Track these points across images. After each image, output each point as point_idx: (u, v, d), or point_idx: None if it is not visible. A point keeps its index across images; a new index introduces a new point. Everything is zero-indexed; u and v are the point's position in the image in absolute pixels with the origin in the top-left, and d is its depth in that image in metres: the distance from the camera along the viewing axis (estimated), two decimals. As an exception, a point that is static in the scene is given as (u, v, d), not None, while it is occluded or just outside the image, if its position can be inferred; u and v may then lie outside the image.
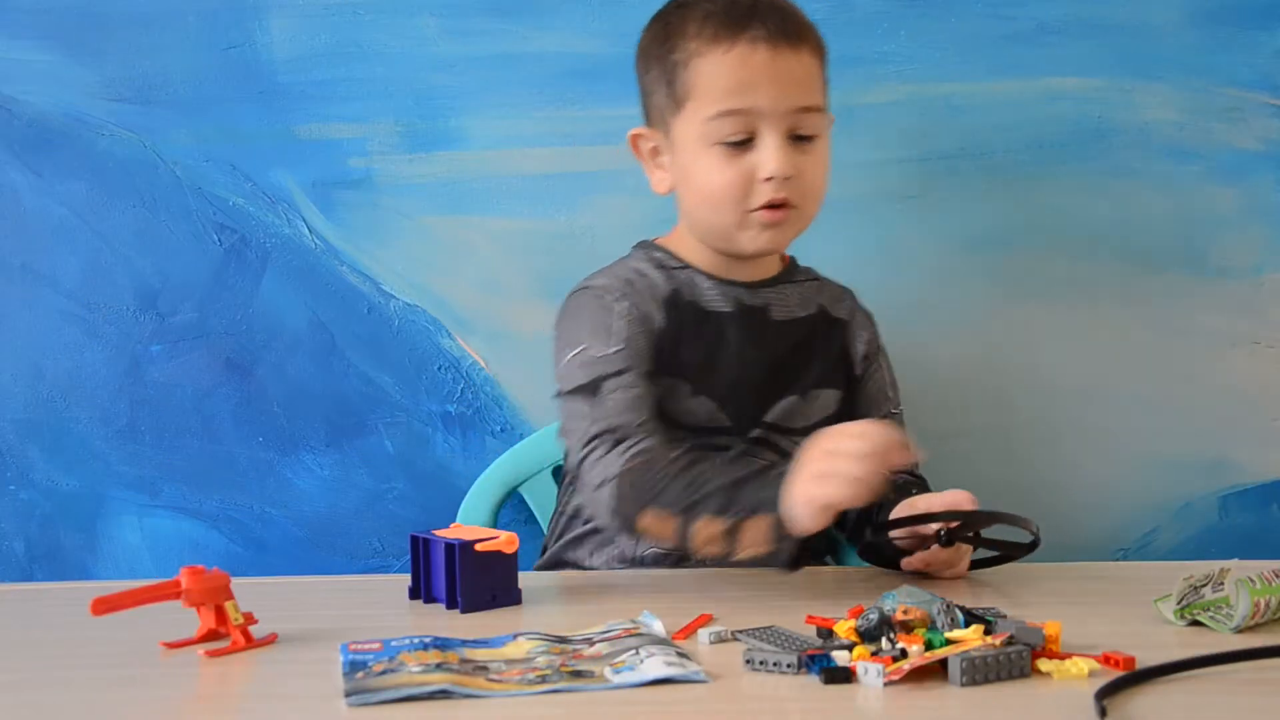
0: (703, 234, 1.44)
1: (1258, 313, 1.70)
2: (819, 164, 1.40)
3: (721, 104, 1.36)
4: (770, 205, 1.37)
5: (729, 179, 1.37)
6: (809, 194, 1.40)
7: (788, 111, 1.36)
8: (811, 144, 1.39)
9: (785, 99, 1.36)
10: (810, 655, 0.95)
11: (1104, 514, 1.72)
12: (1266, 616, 1.06)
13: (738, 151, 1.37)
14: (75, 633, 1.10)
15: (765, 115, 1.36)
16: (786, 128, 1.37)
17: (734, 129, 1.36)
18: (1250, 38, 1.68)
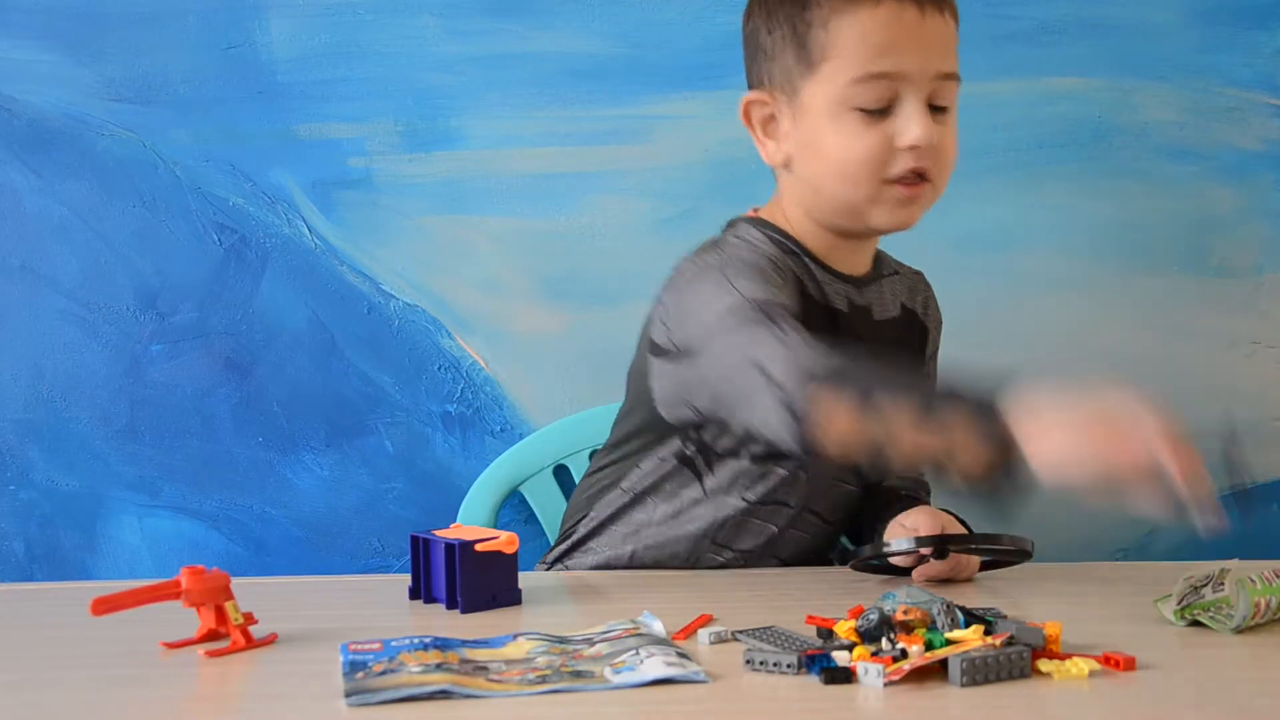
0: (829, 209, 1.32)
1: (1258, 313, 1.70)
2: (953, 136, 1.32)
3: (867, 66, 1.26)
4: (906, 179, 1.29)
5: (868, 146, 1.27)
6: (944, 167, 1.32)
7: (933, 77, 1.27)
8: (946, 115, 1.30)
9: (931, 63, 1.27)
10: (810, 655, 0.95)
11: (1104, 514, 1.71)
12: (1267, 616, 1.06)
13: (876, 119, 1.27)
14: (75, 633, 1.10)
15: (910, 80, 1.27)
16: (927, 94, 1.28)
17: (878, 94, 1.27)
18: (1250, 38, 1.68)
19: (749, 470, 1.35)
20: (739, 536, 1.37)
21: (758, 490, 1.36)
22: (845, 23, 1.27)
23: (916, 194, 1.30)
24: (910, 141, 1.26)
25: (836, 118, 1.28)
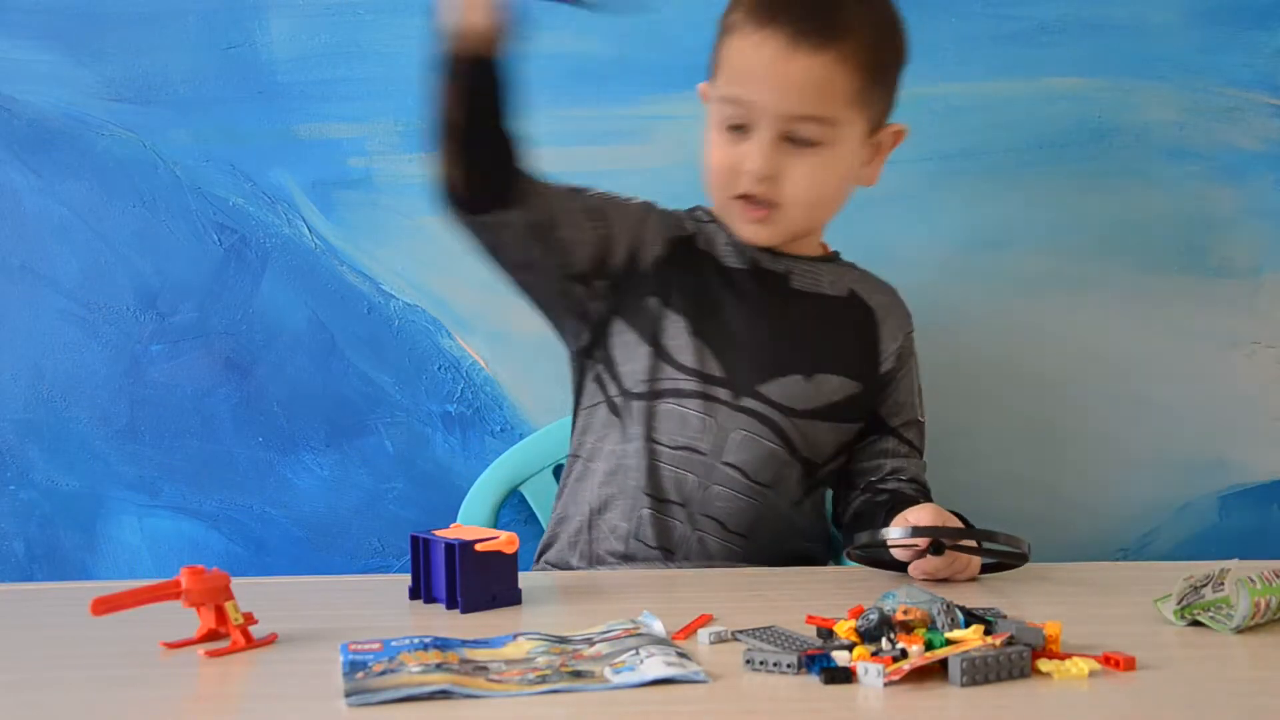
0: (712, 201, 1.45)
1: (1258, 313, 1.70)
2: (810, 172, 1.37)
3: (727, 88, 1.37)
4: (750, 200, 1.38)
5: (720, 161, 1.39)
6: (791, 199, 1.38)
7: (782, 114, 1.34)
8: (809, 150, 1.36)
9: (782, 102, 1.34)
10: (810, 655, 0.95)
11: (1104, 514, 1.72)
12: (1267, 616, 1.06)
13: (736, 136, 1.37)
14: (75, 633, 1.10)
15: (759, 111, 1.35)
16: (779, 130, 1.35)
17: (732, 115, 1.37)
18: (1250, 38, 1.68)
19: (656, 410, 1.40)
20: (665, 487, 1.39)
21: (668, 433, 1.40)
22: (730, 41, 1.37)
23: (760, 216, 1.39)
24: (746, 168, 1.36)
25: (713, 127, 1.39)
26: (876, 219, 1.69)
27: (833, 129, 1.36)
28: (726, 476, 1.40)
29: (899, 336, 1.49)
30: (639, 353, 1.42)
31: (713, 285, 1.43)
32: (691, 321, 1.41)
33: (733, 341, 1.41)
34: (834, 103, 1.35)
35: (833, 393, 1.43)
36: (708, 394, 1.40)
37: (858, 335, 1.47)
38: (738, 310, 1.42)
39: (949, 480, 1.66)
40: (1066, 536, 1.71)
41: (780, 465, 1.42)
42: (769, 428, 1.41)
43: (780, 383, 1.41)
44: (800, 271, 1.46)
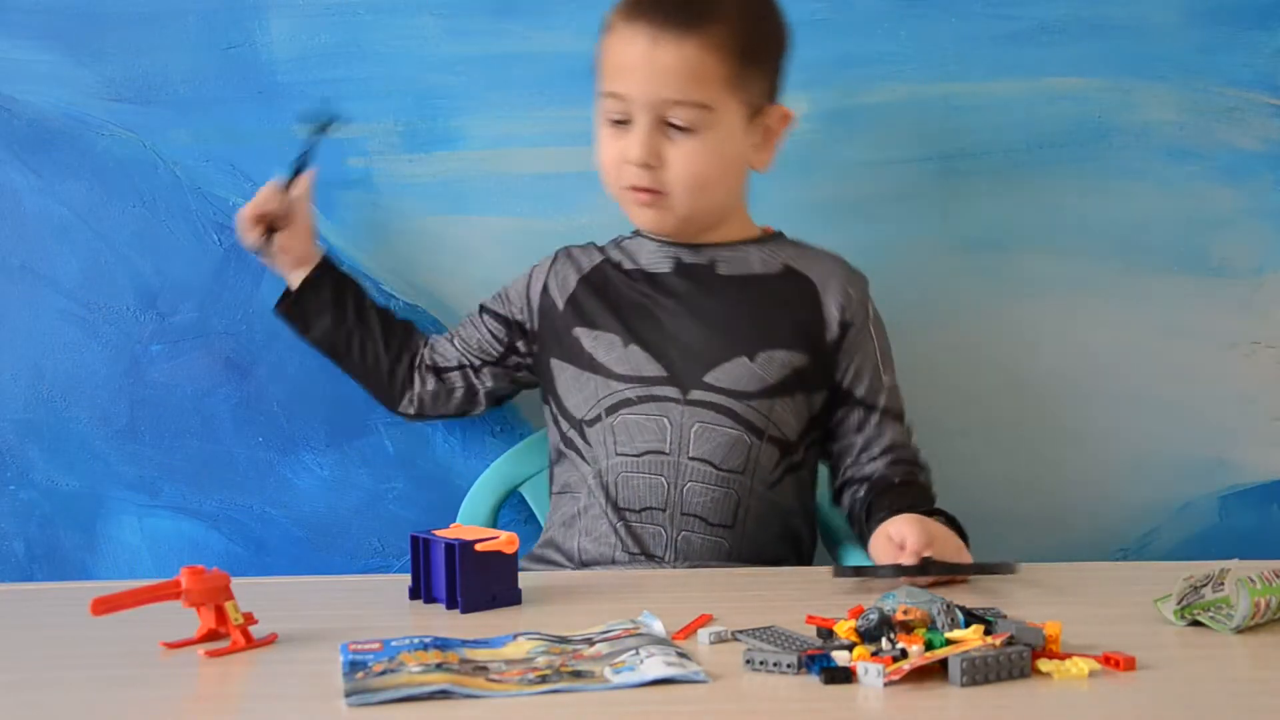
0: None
1: (1258, 313, 1.70)
2: (690, 155, 1.41)
3: (605, 84, 1.44)
4: (638, 188, 1.43)
5: (609, 154, 1.45)
6: (676, 183, 1.42)
7: (655, 103, 1.40)
8: (687, 135, 1.41)
9: (653, 90, 1.39)
10: (810, 655, 0.95)
11: (1104, 514, 1.72)
12: (1267, 616, 1.06)
13: (620, 130, 1.43)
14: (75, 633, 1.10)
15: (634, 102, 1.41)
16: (655, 116, 1.40)
17: (612, 109, 1.43)
18: (1250, 38, 1.68)
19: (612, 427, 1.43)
20: (639, 497, 1.41)
21: (629, 444, 1.42)
22: (605, 42, 1.44)
23: (649, 202, 1.44)
24: (627, 158, 1.42)
25: (600, 125, 1.46)
26: (876, 219, 1.70)
27: (708, 113, 1.40)
28: (695, 471, 1.41)
29: (844, 302, 1.48)
30: (580, 381, 1.46)
31: (639, 295, 1.47)
32: (622, 335, 1.45)
33: (669, 341, 1.44)
34: (704, 87, 1.40)
35: (781, 368, 1.44)
36: (654, 396, 1.43)
37: (797, 307, 1.47)
38: (668, 310, 1.46)
39: (949, 480, 1.66)
40: (1066, 536, 1.71)
41: (747, 449, 1.42)
42: (725, 415, 1.42)
43: (725, 369, 1.43)
44: (725, 258, 1.48)
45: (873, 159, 1.69)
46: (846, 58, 1.67)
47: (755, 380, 1.43)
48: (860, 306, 1.49)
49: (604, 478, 1.43)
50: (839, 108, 1.68)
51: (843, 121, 1.69)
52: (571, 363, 1.47)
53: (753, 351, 1.44)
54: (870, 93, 1.68)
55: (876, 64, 1.68)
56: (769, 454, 1.43)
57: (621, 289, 1.49)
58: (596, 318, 1.48)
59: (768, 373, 1.43)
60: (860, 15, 1.67)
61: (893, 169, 1.69)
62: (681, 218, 1.45)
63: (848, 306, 1.48)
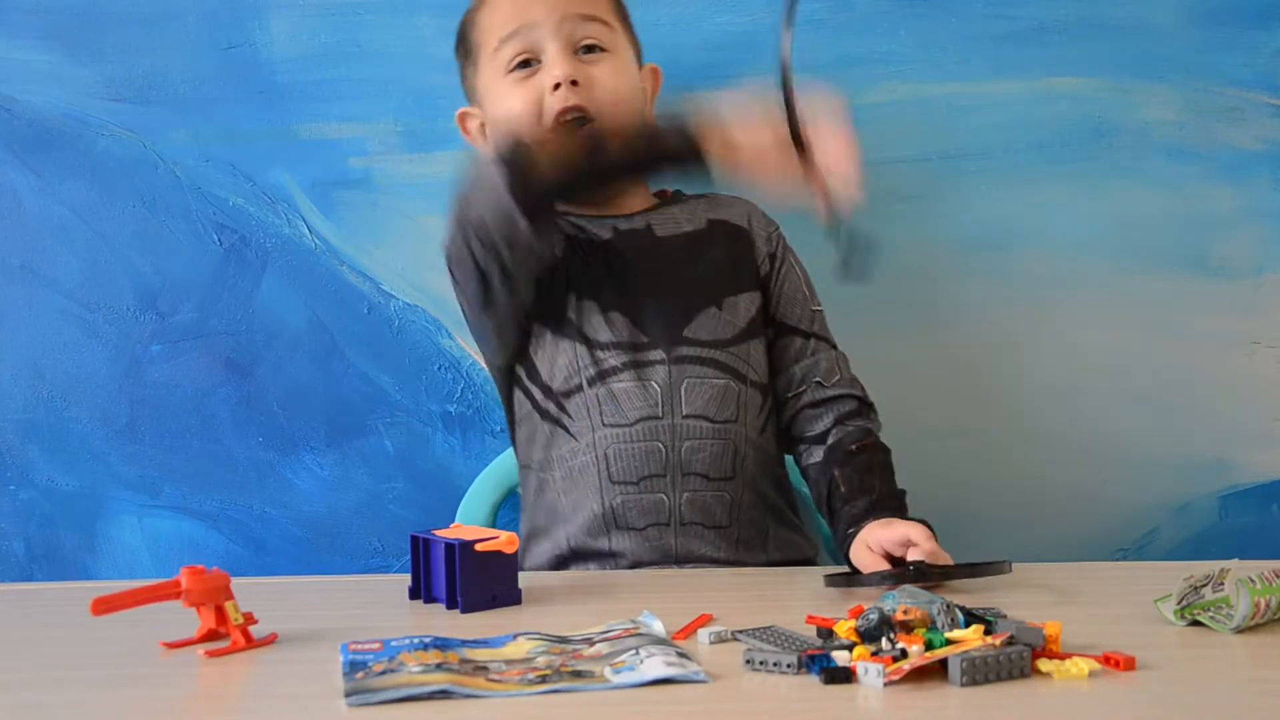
0: None
1: (1258, 313, 1.70)
2: (612, 73, 1.44)
3: (500, 31, 1.44)
4: (564, 120, 1.41)
5: (521, 100, 1.43)
6: (605, 102, 1.43)
7: (563, 18, 1.42)
8: (601, 56, 1.44)
9: (556, 8, 1.42)
10: (810, 655, 0.95)
11: (1104, 514, 1.72)
12: (1266, 616, 1.06)
13: (527, 75, 1.44)
14: (75, 633, 1.10)
15: (540, 27, 1.43)
16: (566, 38, 1.43)
17: (514, 50, 1.43)
18: (1250, 38, 1.68)
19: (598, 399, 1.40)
20: (637, 466, 1.40)
21: (621, 413, 1.40)
22: (480, 14, 1.47)
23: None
24: (550, 82, 1.40)
25: (498, 88, 1.45)
26: (876, 219, 1.69)
27: (611, 33, 1.46)
28: (692, 428, 1.41)
29: (766, 239, 1.51)
30: (560, 348, 1.43)
31: (596, 263, 1.45)
32: (600, 301, 1.43)
33: (640, 304, 1.43)
34: (601, 6, 1.46)
35: (747, 310, 1.46)
36: (639, 361, 1.41)
37: (735, 251, 1.49)
38: (626, 275, 1.45)
39: (949, 480, 1.67)
40: (1066, 536, 1.71)
41: (736, 396, 1.43)
42: (710, 365, 1.42)
43: (699, 321, 1.43)
44: (656, 220, 1.49)
45: (873, 159, 1.68)
46: (846, 58, 1.67)
47: (729, 327, 1.44)
48: (778, 239, 1.53)
49: (596, 450, 1.41)
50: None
51: (843, 121, 1.69)
52: (552, 329, 1.43)
53: (718, 300, 1.45)
54: (870, 93, 1.68)
55: (876, 64, 1.68)
56: (754, 399, 1.44)
57: (584, 258, 1.46)
58: (582, 284, 1.44)
59: (736, 317, 1.45)
60: (860, 15, 1.67)
61: (893, 169, 1.69)
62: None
63: (770, 240, 1.51)
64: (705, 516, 1.40)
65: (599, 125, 1.40)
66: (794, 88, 1.21)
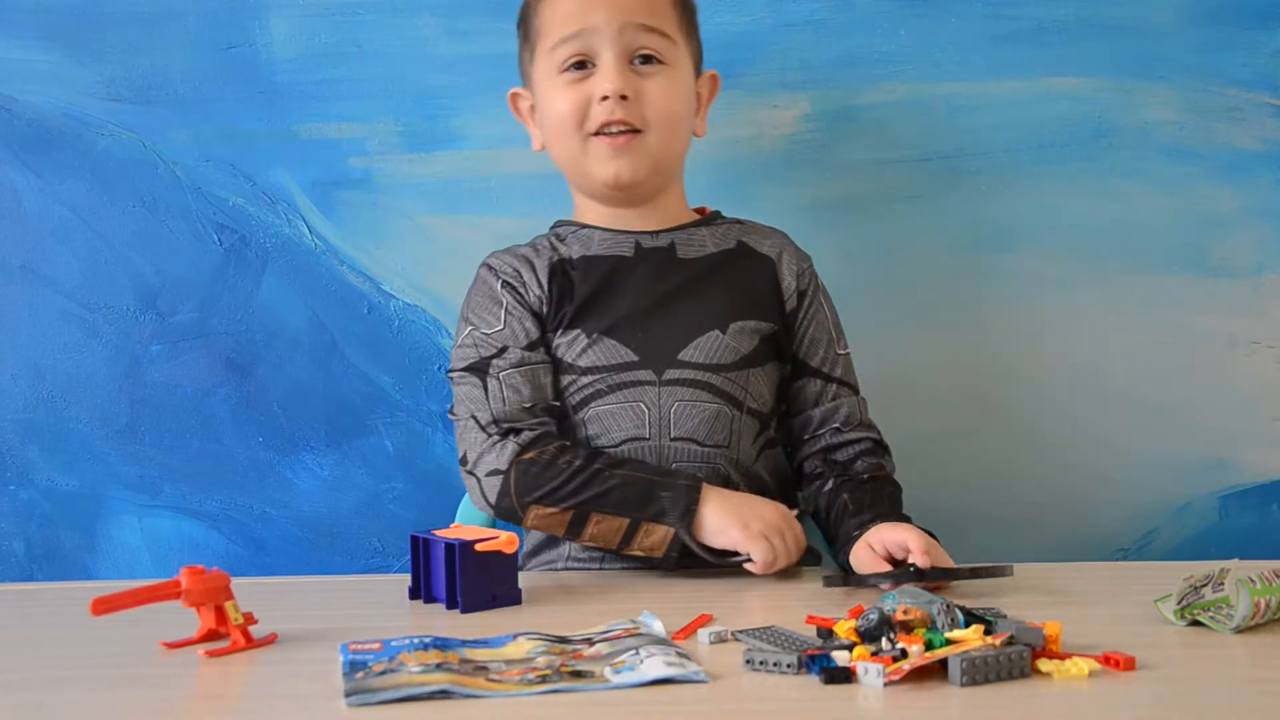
0: (563, 170, 1.48)
1: (1258, 313, 1.70)
2: (666, 88, 1.42)
3: (560, 31, 1.41)
4: (609, 130, 1.41)
5: (570, 101, 1.41)
6: (655, 118, 1.42)
7: (623, 27, 1.40)
8: (658, 69, 1.42)
9: (619, 15, 1.39)
10: (810, 655, 0.95)
11: (1104, 514, 1.72)
12: (1266, 616, 1.06)
13: (580, 77, 1.42)
14: (75, 633, 1.10)
15: (600, 33, 1.40)
16: (624, 47, 1.40)
17: (571, 51, 1.41)
18: (1250, 38, 1.68)
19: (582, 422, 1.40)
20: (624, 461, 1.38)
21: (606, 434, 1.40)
22: (544, 5, 1.44)
23: (622, 145, 1.41)
24: (602, 92, 1.39)
25: (550, 85, 1.43)
26: (876, 219, 1.70)
27: (671, 46, 1.43)
28: (679, 451, 1.40)
29: (797, 274, 1.49)
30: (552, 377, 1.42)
31: (598, 284, 1.43)
32: (586, 328, 1.42)
33: (637, 324, 1.42)
34: (664, 19, 1.43)
35: (752, 337, 1.44)
36: (626, 383, 1.40)
37: (757, 280, 1.47)
38: (633, 294, 1.43)
39: (949, 480, 1.66)
40: (1066, 536, 1.71)
41: (729, 421, 1.42)
42: (703, 389, 1.41)
43: (698, 344, 1.42)
44: (682, 241, 1.47)
45: (873, 159, 1.69)
46: (846, 58, 1.67)
47: (730, 352, 1.42)
48: (810, 277, 1.50)
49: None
50: (839, 108, 1.68)
51: (843, 121, 1.69)
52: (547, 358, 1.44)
53: (724, 324, 1.43)
54: (870, 93, 1.68)
55: (876, 64, 1.68)
56: (749, 426, 1.43)
57: (579, 282, 1.44)
58: (564, 318, 1.43)
59: (740, 343, 1.43)
60: (860, 15, 1.67)
61: (893, 169, 1.69)
62: (652, 164, 1.43)
63: (801, 276, 1.49)
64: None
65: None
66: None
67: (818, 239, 1.61)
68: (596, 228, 1.48)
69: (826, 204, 1.69)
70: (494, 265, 1.47)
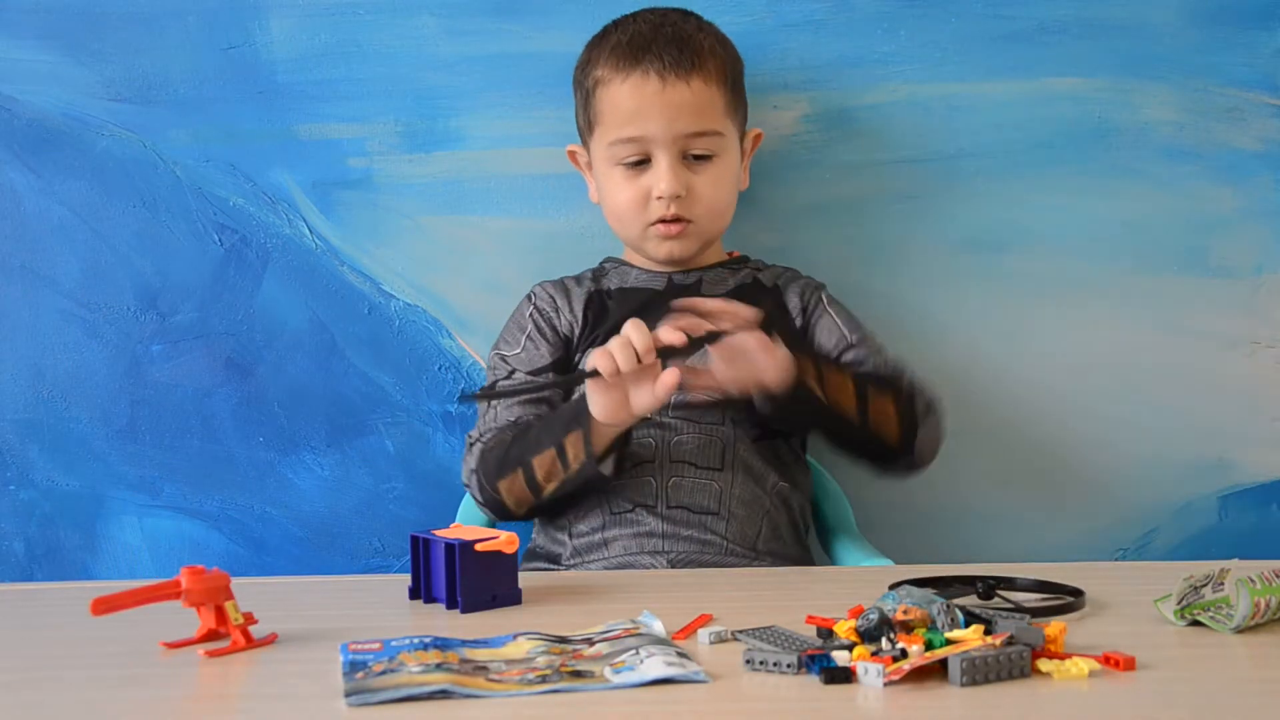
0: (624, 242, 1.59)
1: (1258, 313, 1.70)
2: (714, 182, 1.52)
3: (619, 131, 1.51)
4: (665, 220, 1.51)
5: (629, 197, 1.52)
6: (703, 210, 1.52)
7: (677, 137, 1.50)
8: (707, 164, 1.52)
9: (673, 126, 1.49)
10: (810, 655, 0.95)
11: (1103, 514, 1.72)
12: (1266, 616, 1.06)
13: (637, 171, 1.52)
14: (75, 633, 1.10)
15: (656, 141, 1.50)
16: (678, 150, 1.51)
17: (629, 153, 1.51)
18: (1250, 38, 1.68)
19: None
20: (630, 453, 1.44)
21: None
22: (604, 94, 1.53)
23: (675, 232, 1.52)
24: (659, 194, 1.50)
25: (609, 172, 1.54)
26: (876, 219, 1.70)
27: (720, 140, 1.53)
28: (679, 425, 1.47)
29: (801, 293, 1.57)
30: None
31: (631, 310, 1.47)
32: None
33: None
34: (715, 117, 1.52)
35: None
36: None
37: (768, 307, 1.51)
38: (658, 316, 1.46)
39: (949, 480, 1.67)
40: (1066, 536, 1.71)
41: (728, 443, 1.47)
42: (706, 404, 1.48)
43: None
44: (709, 279, 1.57)
45: (873, 159, 1.69)
46: (846, 58, 1.67)
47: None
48: (815, 293, 1.58)
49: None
50: (839, 108, 1.68)
51: (843, 121, 1.69)
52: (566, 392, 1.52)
53: None
54: (870, 93, 1.68)
55: (876, 64, 1.68)
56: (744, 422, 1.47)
57: (614, 310, 1.54)
58: (597, 339, 1.51)
59: None
60: (860, 15, 1.67)
61: (893, 169, 1.69)
62: (702, 243, 1.55)
63: (804, 296, 1.57)
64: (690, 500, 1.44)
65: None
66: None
67: (817, 239, 1.61)
68: (635, 267, 1.59)
69: (826, 204, 1.69)
70: (533, 293, 1.59)
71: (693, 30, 1.53)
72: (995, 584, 1.16)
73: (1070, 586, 1.16)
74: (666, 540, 1.42)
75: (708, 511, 1.43)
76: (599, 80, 1.53)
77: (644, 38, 1.51)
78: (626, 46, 1.52)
